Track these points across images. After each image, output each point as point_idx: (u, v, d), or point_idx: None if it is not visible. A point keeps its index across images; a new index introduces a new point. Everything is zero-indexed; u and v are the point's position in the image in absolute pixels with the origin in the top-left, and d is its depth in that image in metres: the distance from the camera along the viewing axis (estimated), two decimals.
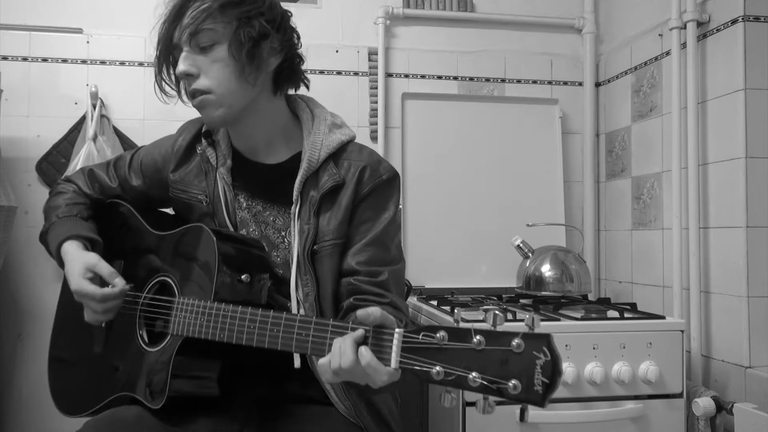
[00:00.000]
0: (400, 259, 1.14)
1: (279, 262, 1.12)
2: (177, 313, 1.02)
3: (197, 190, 1.17)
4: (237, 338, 0.94)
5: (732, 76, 1.68)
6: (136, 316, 1.10)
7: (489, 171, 2.22)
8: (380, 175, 1.12)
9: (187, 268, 1.07)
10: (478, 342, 0.70)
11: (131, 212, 1.22)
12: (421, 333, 0.74)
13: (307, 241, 1.08)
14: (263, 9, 1.05)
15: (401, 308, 1.08)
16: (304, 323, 0.87)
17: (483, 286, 2.12)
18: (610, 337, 1.52)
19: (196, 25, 1.02)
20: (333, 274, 1.09)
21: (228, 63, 1.03)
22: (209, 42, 1.03)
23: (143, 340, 1.08)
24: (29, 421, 2.01)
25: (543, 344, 0.66)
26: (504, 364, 0.68)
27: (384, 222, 1.11)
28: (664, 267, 1.95)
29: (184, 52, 1.04)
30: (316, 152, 1.10)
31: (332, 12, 2.24)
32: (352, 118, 2.21)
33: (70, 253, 1.13)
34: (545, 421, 1.47)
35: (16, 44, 2.05)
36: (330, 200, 1.10)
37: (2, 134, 1.96)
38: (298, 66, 1.15)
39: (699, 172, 1.79)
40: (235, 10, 1.03)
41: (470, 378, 0.69)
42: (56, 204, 1.23)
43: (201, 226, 1.07)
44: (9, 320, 2.02)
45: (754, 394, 1.57)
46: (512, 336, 0.68)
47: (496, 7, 2.32)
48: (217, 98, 1.05)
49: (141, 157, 1.26)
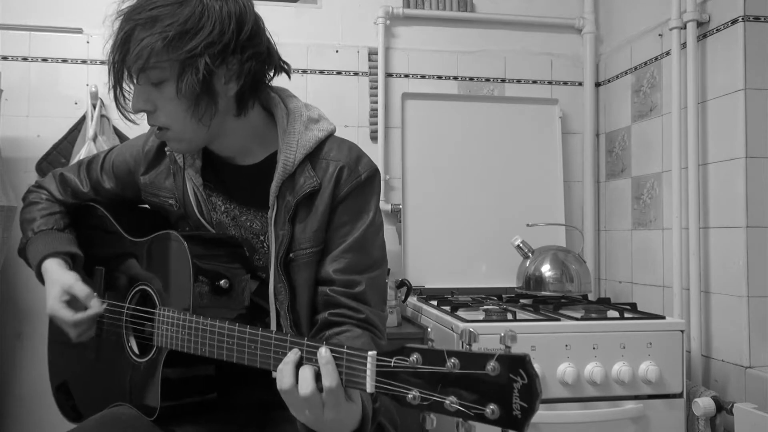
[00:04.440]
0: (381, 262, 1.09)
1: (261, 266, 1.09)
2: (159, 325, 0.99)
3: (167, 194, 1.13)
4: (218, 354, 0.91)
5: (732, 76, 1.68)
6: (122, 327, 1.08)
7: (489, 171, 2.22)
8: (359, 175, 1.06)
9: (163, 278, 1.03)
10: (453, 365, 0.67)
11: (107, 217, 1.18)
12: (394, 357, 0.71)
13: (281, 249, 1.03)
14: (212, 38, 0.94)
15: (374, 323, 1.03)
16: (279, 341, 0.83)
17: (483, 286, 2.12)
18: (610, 337, 1.52)
19: (143, 62, 0.94)
20: (309, 282, 1.05)
21: (179, 103, 0.96)
22: (158, 79, 0.96)
23: (132, 351, 1.06)
24: (29, 421, 2.01)
25: (519, 366, 0.64)
26: (480, 389, 0.65)
27: (364, 225, 1.05)
28: (664, 267, 1.95)
29: (137, 86, 0.98)
30: (291, 154, 1.04)
31: (332, 12, 2.24)
32: (352, 118, 2.21)
33: (49, 273, 1.10)
34: (545, 421, 1.47)
35: (16, 44, 2.05)
36: (306, 206, 1.04)
37: (2, 134, 1.97)
38: (264, 77, 1.05)
39: (699, 172, 1.79)
40: (179, 49, 0.93)
41: (447, 404, 0.67)
42: (31, 216, 1.19)
43: (171, 234, 1.02)
44: (9, 320, 2.02)
45: (754, 394, 1.57)
46: (487, 358, 0.65)
47: (496, 7, 2.32)
48: (176, 134, 1.01)
49: (113, 159, 1.21)
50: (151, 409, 0.98)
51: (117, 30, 0.98)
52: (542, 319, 1.60)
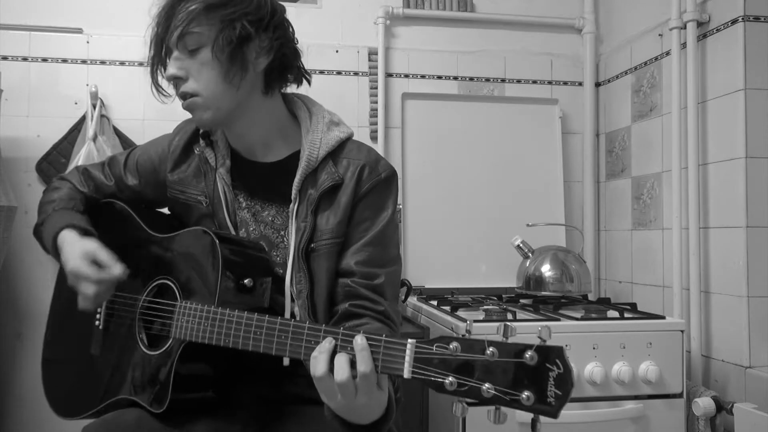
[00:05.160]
0: (397, 258, 1.14)
1: (279, 262, 1.12)
2: (179, 317, 1.01)
3: (196, 191, 1.17)
4: (243, 344, 0.93)
5: (732, 76, 1.68)
6: (135, 319, 1.09)
7: (489, 171, 2.22)
8: (379, 173, 1.11)
9: (189, 272, 1.06)
10: (492, 353, 0.71)
11: (128, 212, 1.21)
12: (435, 344, 0.75)
13: (303, 239, 1.08)
14: (249, 9, 1.04)
15: (392, 317, 1.07)
16: (313, 330, 0.86)
17: (483, 286, 2.12)
18: (610, 337, 1.53)
19: (183, 28, 1.02)
20: (329, 273, 1.09)
21: (213, 66, 1.03)
22: (195, 45, 1.03)
23: (143, 343, 1.07)
24: (29, 422, 2.01)
25: (556, 356, 0.69)
26: (517, 376, 0.69)
27: (383, 221, 1.11)
28: (664, 267, 1.95)
29: (174, 54, 1.05)
30: (314, 150, 1.10)
31: (332, 12, 2.24)
32: (352, 118, 2.21)
33: (68, 240, 1.11)
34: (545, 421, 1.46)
35: (16, 44, 2.05)
36: (329, 199, 1.09)
37: (2, 134, 1.97)
38: (292, 63, 1.13)
39: (699, 172, 1.79)
40: (219, 12, 1.03)
41: (484, 389, 0.70)
42: (51, 198, 1.22)
43: (203, 230, 1.06)
44: (9, 320, 2.02)
45: (754, 394, 1.57)
46: (526, 348, 0.70)
47: (496, 7, 2.32)
48: (205, 101, 1.05)
49: (137, 157, 1.25)
50: (161, 402, 0.98)
51: (163, 3, 1.06)
52: (542, 319, 1.60)
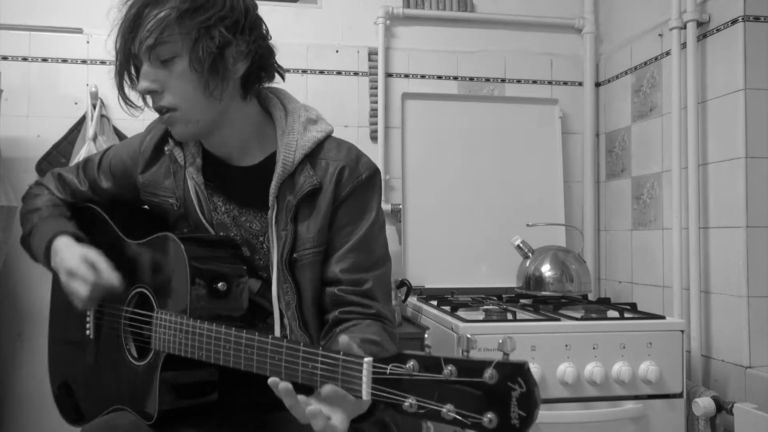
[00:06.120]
0: (386, 259, 1.09)
1: (263, 265, 1.09)
2: (157, 329, 0.98)
3: (167, 193, 1.11)
4: (215, 358, 0.90)
5: (732, 76, 1.68)
6: (121, 330, 1.07)
7: (489, 171, 2.22)
8: (360, 174, 1.06)
9: (160, 281, 1.02)
10: (450, 372, 0.66)
11: (104, 218, 1.17)
12: (390, 364, 0.70)
13: (285, 249, 1.03)
14: (224, 13, 0.96)
15: (385, 315, 1.04)
16: (291, 350, 0.82)
17: (483, 286, 2.12)
18: (610, 337, 1.52)
19: (154, 38, 0.94)
20: (315, 282, 1.05)
21: (190, 78, 0.96)
22: (169, 55, 0.96)
23: (131, 354, 1.05)
24: (29, 421, 2.01)
25: (518, 375, 0.62)
26: (478, 396, 0.64)
27: (367, 224, 1.06)
28: (664, 267, 1.95)
29: (145, 66, 0.98)
30: (290, 154, 1.04)
31: (332, 12, 2.24)
32: (352, 118, 2.21)
33: (64, 244, 1.08)
34: (545, 421, 1.47)
35: (16, 44, 2.05)
36: (308, 205, 1.04)
37: (2, 134, 1.96)
38: (269, 62, 1.06)
39: (699, 172, 1.79)
40: (194, 19, 0.95)
41: (444, 412, 0.65)
42: (34, 207, 1.18)
43: (168, 236, 1.01)
44: (9, 320, 2.02)
45: (754, 394, 1.57)
46: (485, 365, 0.64)
47: (496, 7, 2.32)
48: (184, 114, 0.99)
49: (110, 158, 1.20)
50: (149, 413, 0.97)
51: (127, 9, 0.98)
52: (542, 319, 1.60)
